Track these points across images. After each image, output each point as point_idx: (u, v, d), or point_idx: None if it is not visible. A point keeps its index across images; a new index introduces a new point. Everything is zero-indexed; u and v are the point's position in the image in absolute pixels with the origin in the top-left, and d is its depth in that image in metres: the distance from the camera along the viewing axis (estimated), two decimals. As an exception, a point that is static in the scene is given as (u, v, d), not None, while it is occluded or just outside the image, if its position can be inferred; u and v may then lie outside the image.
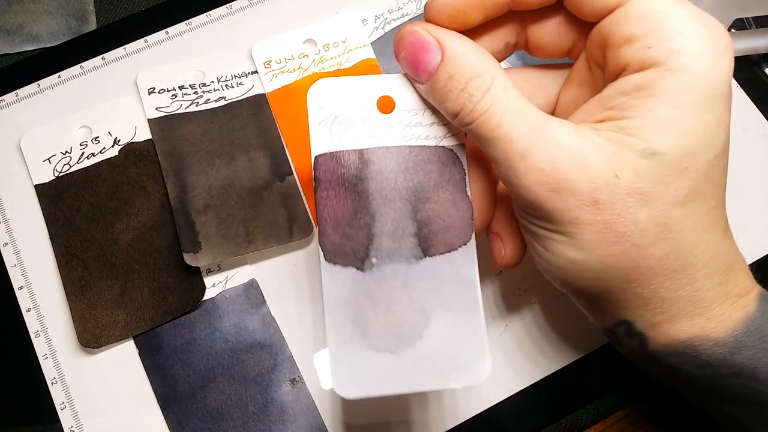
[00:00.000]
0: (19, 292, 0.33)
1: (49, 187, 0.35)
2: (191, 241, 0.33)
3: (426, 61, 0.23)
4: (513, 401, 0.32)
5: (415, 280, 0.25)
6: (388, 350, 0.24)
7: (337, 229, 0.25)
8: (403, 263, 0.25)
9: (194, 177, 0.34)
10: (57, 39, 0.39)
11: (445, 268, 0.25)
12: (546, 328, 0.33)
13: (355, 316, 0.24)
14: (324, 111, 0.25)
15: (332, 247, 0.25)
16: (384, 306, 0.25)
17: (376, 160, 0.25)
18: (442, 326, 0.24)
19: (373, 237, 0.25)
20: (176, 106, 0.36)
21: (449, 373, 0.24)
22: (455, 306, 0.25)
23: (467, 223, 0.25)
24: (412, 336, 0.24)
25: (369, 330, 0.24)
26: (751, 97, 0.38)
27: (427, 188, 0.25)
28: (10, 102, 0.37)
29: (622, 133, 0.22)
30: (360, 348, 0.24)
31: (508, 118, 0.22)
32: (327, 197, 0.25)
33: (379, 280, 0.25)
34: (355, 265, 0.25)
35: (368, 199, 0.25)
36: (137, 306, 0.32)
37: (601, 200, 0.21)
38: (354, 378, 0.24)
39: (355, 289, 0.25)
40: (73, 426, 0.31)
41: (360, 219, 0.25)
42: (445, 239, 0.25)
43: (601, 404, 0.32)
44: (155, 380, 0.32)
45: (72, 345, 0.32)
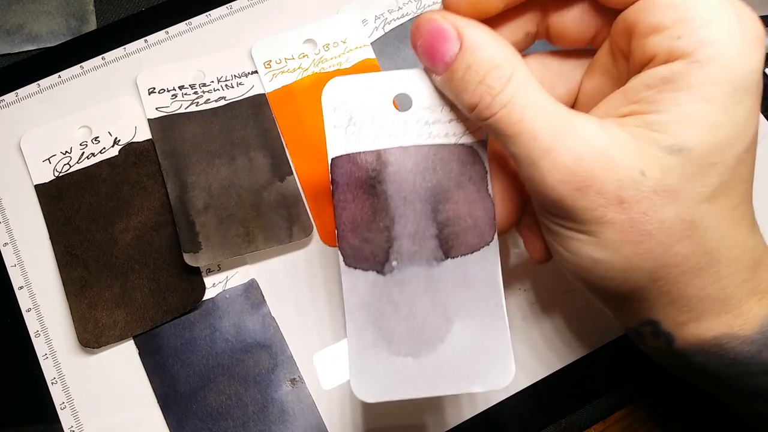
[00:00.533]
0: (19, 292, 0.33)
1: (49, 187, 0.35)
2: (191, 241, 0.33)
3: (443, 51, 0.22)
4: (513, 401, 0.32)
5: (436, 283, 0.24)
6: (410, 355, 0.24)
7: (357, 233, 0.24)
8: (424, 266, 0.24)
9: (194, 177, 0.34)
10: (57, 39, 0.39)
11: (468, 270, 0.24)
12: (546, 328, 0.33)
13: (377, 320, 0.24)
14: (339, 111, 0.24)
15: (352, 251, 0.24)
16: (406, 310, 0.24)
17: (394, 161, 0.24)
18: (464, 330, 0.24)
19: (393, 240, 0.24)
20: (176, 106, 0.36)
21: (472, 377, 0.24)
22: (478, 309, 0.24)
23: (489, 223, 0.25)
24: (434, 340, 0.24)
25: (391, 334, 0.24)
26: (751, 97, 0.38)
27: (447, 188, 0.24)
28: (10, 102, 0.37)
29: (648, 128, 0.21)
30: (382, 353, 0.24)
31: (530, 112, 0.21)
32: (345, 200, 0.24)
33: (400, 284, 0.24)
34: (375, 268, 0.24)
35: (387, 201, 0.24)
36: (137, 306, 0.32)
37: (626, 199, 0.21)
38: (375, 382, 0.24)
39: (376, 293, 0.24)
40: (73, 426, 0.31)
41: (379, 222, 0.24)
42: (466, 240, 0.24)
43: (601, 404, 0.32)
44: (155, 380, 0.32)
45: (72, 345, 0.32)
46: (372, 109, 0.24)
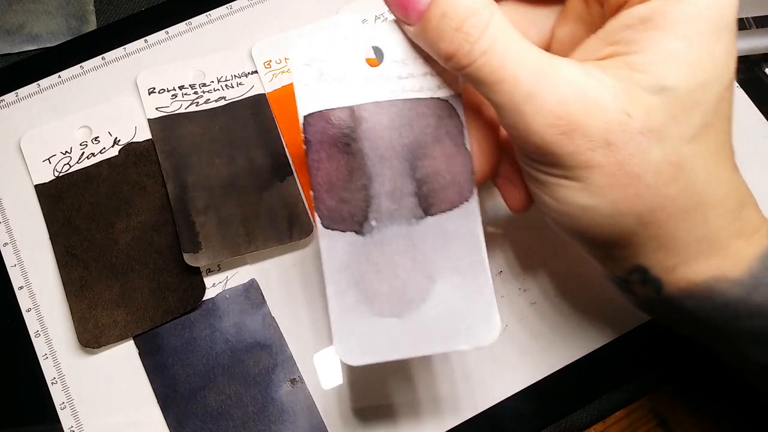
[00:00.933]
0: (19, 292, 0.33)
1: (49, 187, 0.35)
2: (191, 241, 0.33)
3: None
4: (513, 401, 0.32)
5: (417, 241, 0.24)
6: (393, 315, 0.23)
7: (333, 193, 0.23)
8: (403, 224, 0.24)
9: (194, 177, 0.34)
10: (57, 39, 0.39)
11: (448, 227, 0.24)
12: (546, 328, 0.33)
13: (358, 282, 0.23)
14: (309, 68, 0.23)
15: (329, 212, 0.23)
16: (387, 270, 0.23)
17: (368, 117, 0.24)
18: (447, 287, 0.23)
19: (371, 199, 0.24)
20: (176, 106, 0.36)
21: (458, 334, 0.23)
22: (460, 265, 0.24)
23: (468, 178, 0.24)
24: (417, 299, 0.23)
25: (373, 296, 0.23)
26: (751, 97, 0.38)
27: (424, 144, 0.24)
28: (10, 102, 0.37)
29: (630, 69, 0.21)
30: (364, 315, 0.23)
31: (511, 58, 0.21)
32: (319, 160, 0.23)
33: (380, 244, 0.24)
34: (353, 229, 0.24)
35: (363, 159, 0.24)
36: (137, 306, 0.32)
37: (614, 141, 0.20)
38: (359, 345, 0.23)
39: (356, 255, 0.23)
40: (73, 426, 0.31)
41: (356, 181, 0.23)
42: (446, 196, 0.24)
43: (601, 404, 0.32)
44: (155, 380, 0.32)
45: (72, 345, 0.32)
46: (343, 65, 0.24)
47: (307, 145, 0.24)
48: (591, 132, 0.20)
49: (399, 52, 0.24)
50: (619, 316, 0.33)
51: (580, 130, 0.20)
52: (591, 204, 0.22)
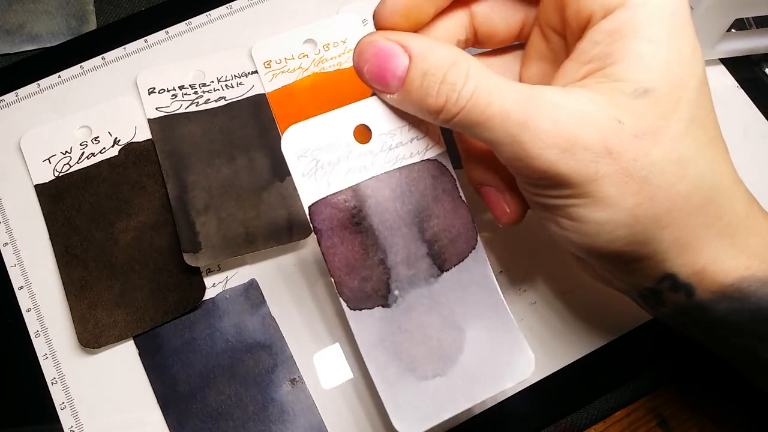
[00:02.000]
0: (19, 292, 0.33)
1: (49, 187, 0.35)
2: (191, 241, 0.33)
3: (393, 67, 0.22)
4: (513, 401, 0.32)
5: (439, 298, 0.25)
6: (437, 375, 0.24)
7: (353, 275, 0.24)
8: (423, 286, 0.25)
9: (194, 177, 0.34)
10: (57, 39, 0.39)
11: (463, 276, 0.25)
12: (546, 328, 0.33)
13: (396, 353, 0.24)
14: (303, 159, 0.24)
15: (353, 293, 0.24)
16: (419, 333, 0.24)
17: (371, 193, 0.24)
18: (477, 333, 0.25)
19: (390, 270, 0.24)
20: (176, 106, 0.36)
21: (499, 375, 0.24)
22: (482, 310, 0.25)
23: (471, 227, 0.25)
24: (454, 353, 0.24)
25: (413, 362, 0.24)
26: (751, 97, 0.38)
27: (426, 206, 0.25)
28: (10, 102, 0.37)
29: (610, 80, 0.21)
30: (411, 382, 0.24)
31: (497, 94, 0.21)
32: (333, 245, 0.24)
33: (407, 311, 0.24)
34: (380, 303, 0.24)
35: (375, 234, 0.24)
36: (137, 306, 0.32)
37: (613, 148, 0.21)
38: (414, 412, 0.24)
39: (387, 327, 0.24)
40: (73, 426, 0.31)
41: (372, 257, 0.24)
42: (456, 250, 0.25)
43: (601, 404, 0.32)
44: (155, 380, 0.32)
45: (72, 345, 0.32)
46: (335, 148, 0.24)
47: (318, 234, 0.24)
48: (590, 143, 0.21)
49: (385, 125, 0.24)
50: (619, 317, 0.33)
51: (580, 143, 0.21)
52: (606, 217, 0.22)
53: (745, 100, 0.38)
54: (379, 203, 0.24)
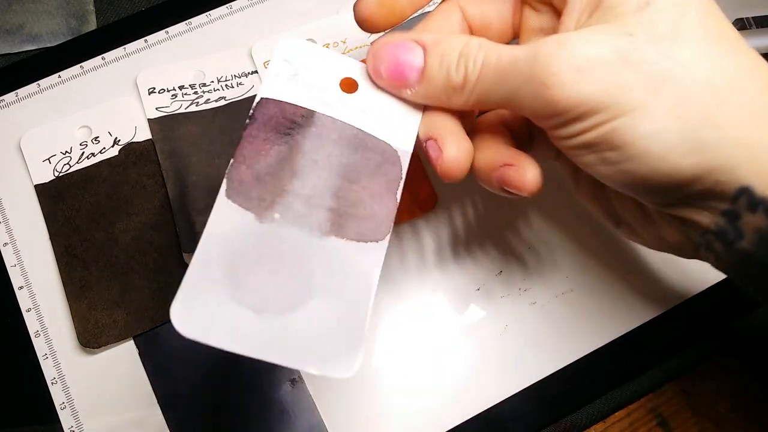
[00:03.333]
0: (19, 292, 0.33)
1: (49, 187, 0.35)
2: (191, 241, 0.33)
3: (410, 60, 0.24)
4: (513, 401, 0.32)
5: (313, 254, 0.23)
6: (252, 308, 0.22)
7: (252, 169, 0.23)
8: (306, 232, 0.23)
9: (194, 177, 0.34)
10: (57, 39, 0.39)
11: (349, 256, 0.23)
12: (546, 328, 0.33)
13: (232, 260, 0.22)
14: (287, 64, 0.24)
15: (239, 184, 0.23)
16: (269, 264, 0.22)
17: (320, 125, 0.24)
18: (321, 309, 0.22)
19: (286, 193, 0.23)
20: (176, 106, 0.36)
21: (312, 356, 0.22)
22: (344, 296, 0.23)
23: (386, 223, 0.24)
24: (286, 306, 0.22)
25: (240, 282, 0.22)
26: (751, 97, 0.38)
27: (360, 172, 0.24)
28: (10, 102, 0.37)
29: (609, 8, 0.21)
30: (222, 294, 0.22)
31: (506, 50, 0.22)
32: (256, 136, 0.23)
33: (274, 238, 0.23)
34: (255, 211, 0.23)
35: (297, 155, 0.24)
36: (137, 306, 0.32)
37: (630, 57, 0.20)
38: (201, 319, 0.21)
39: (244, 235, 0.22)
40: (73, 426, 0.31)
41: (280, 170, 0.23)
42: (358, 227, 0.23)
43: (601, 404, 0.32)
44: (155, 380, 0.32)
45: (72, 345, 0.32)
46: (318, 77, 0.25)
47: (250, 120, 0.23)
48: (605, 58, 0.20)
49: (374, 95, 0.25)
50: (619, 317, 0.33)
51: (593, 59, 0.20)
52: (650, 128, 0.20)
53: (745, 100, 0.38)
54: (321, 137, 0.24)
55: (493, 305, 0.33)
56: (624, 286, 0.34)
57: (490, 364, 0.32)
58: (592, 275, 0.34)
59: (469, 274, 0.34)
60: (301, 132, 0.24)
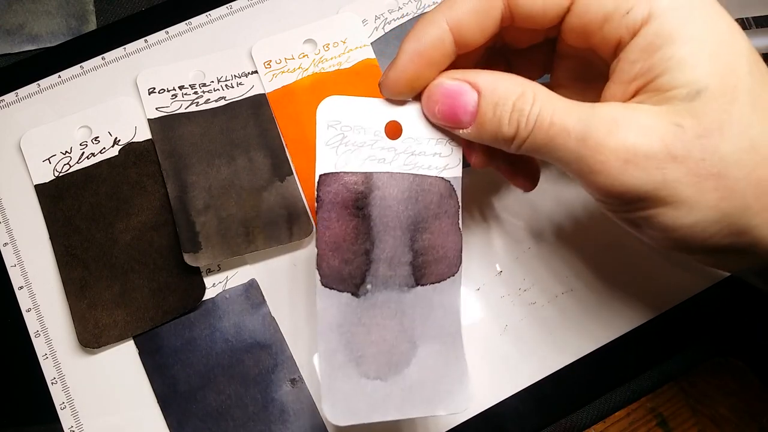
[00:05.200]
0: (19, 292, 0.33)
1: (49, 187, 0.35)
2: (191, 241, 0.33)
3: (465, 103, 0.24)
4: (513, 401, 0.32)
5: (406, 308, 0.25)
6: (379, 378, 0.24)
7: (337, 254, 0.25)
8: (396, 291, 0.25)
9: (194, 177, 0.34)
10: (57, 39, 0.39)
11: (434, 298, 0.25)
12: (546, 328, 0.33)
13: (348, 342, 0.24)
14: (333, 129, 0.25)
15: (330, 271, 0.25)
16: (376, 333, 0.25)
17: (381, 186, 0.25)
18: (428, 354, 0.25)
19: (371, 263, 0.25)
20: (176, 106, 0.36)
21: (435, 400, 0.24)
22: (440, 335, 0.25)
23: (457, 255, 0.26)
24: (401, 363, 0.25)
25: (361, 357, 0.24)
26: (751, 97, 0.38)
27: (426, 218, 0.25)
28: (10, 102, 0.37)
29: (661, 91, 0.21)
30: (352, 375, 0.24)
31: (559, 114, 0.22)
32: (329, 219, 0.25)
33: (372, 307, 0.25)
34: (350, 290, 0.25)
35: (370, 224, 0.25)
36: (137, 306, 0.32)
37: (677, 152, 0.21)
38: (346, 405, 0.24)
39: (349, 315, 0.25)
40: (73, 426, 0.31)
41: (360, 244, 0.25)
42: (437, 269, 0.25)
43: (601, 404, 0.32)
44: (155, 380, 0.32)
45: (72, 345, 0.32)
46: (364, 132, 0.25)
47: (319, 203, 0.25)
48: (652, 151, 0.21)
49: (416, 131, 0.25)
50: (619, 316, 0.33)
51: (641, 153, 0.21)
52: (693, 219, 0.21)
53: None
54: (384, 198, 0.25)
55: (493, 305, 0.33)
56: (624, 286, 0.34)
57: (490, 364, 0.32)
58: (592, 275, 0.34)
59: (469, 274, 0.34)
60: (367, 199, 0.25)
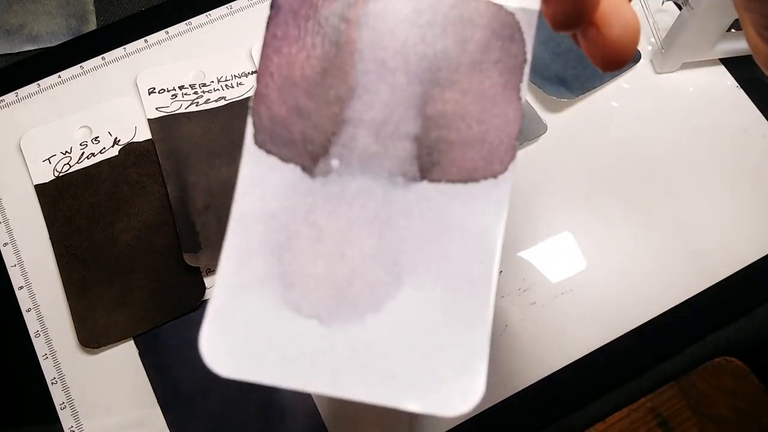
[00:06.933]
0: (19, 292, 0.33)
1: (49, 187, 0.35)
2: (191, 241, 0.33)
3: None
4: (513, 401, 0.32)
5: (395, 214, 0.15)
6: (316, 316, 0.15)
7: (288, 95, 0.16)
8: (382, 180, 0.15)
9: (194, 177, 0.34)
10: (57, 39, 0.39)
11: (453, 208, 0.15)
12: (546, 328, 0.33)
13: (280, 246, 0.15)
14: None
15: (271, 123, 0.15)
16: (332, 242, 0.15)
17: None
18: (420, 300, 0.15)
19: (344, 124, 0.16)
20: (176, 106, 0.36)
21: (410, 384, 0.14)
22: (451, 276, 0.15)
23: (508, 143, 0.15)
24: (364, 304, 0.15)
25: (295, 275, 0.15)
26: (751, 98, 0.38)
27: (456, 65, 0.16)
28: (10, 102, 0.37)
29: None
30: (271, 300, 0.15)
31: None
32: (283, 37, 0.16)
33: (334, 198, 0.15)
34: (302, 162, 0.15)
35: (352, 56, 0.16)
36: (137, 306, 0.32)
37: None
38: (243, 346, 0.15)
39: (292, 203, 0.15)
40: (73, 426, 0.31)
41: (330, 87, 0.16)
42: (463, 158, 0.15)
43: (601, 404, 0.32)
44: (155, 380, 0.32)
45: (72, 345, 0.32)
46: None
47: (272, 9, 0.16)
48: None
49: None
50: (619, 316, 0.33)
51: None
52: None
53: (745, 100, 0.38)
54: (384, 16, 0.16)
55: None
56: (624, 286, 0.34)
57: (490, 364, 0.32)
58: (592, 275, 0.34)
59: (469, 274, 0.34)
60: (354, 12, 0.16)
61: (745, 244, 0.34)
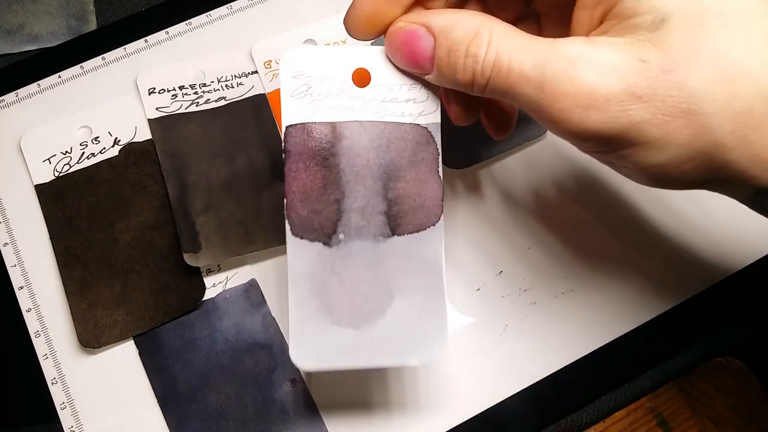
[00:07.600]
0: (19, 292, 0.33)
1: (49, 187, 0.35)
2: (191, 241, 0.33)
3: (421, 49, 0.23)
4: (513, 401, 0.32)
5: (381, 258, 0.25)
6: (350, 326, 0.24)
7: (306, 203, 0.24)
8: (370, 240, 0.25)
9: (194, 177, 0.34)
10: (57, 39, 0.39)
11: (413, 248, 0.25)
12: (545, 328, 0.33)
13: (320, 291, 0.24)
14: (297, 80, 0.25)
15: (300, 221, 0.24)
16: (349, 282, 0.25)
17: (349, 135, 0.25)
18: (404, 305, 0.25)
19: (342, 213, 0.25)
20: (176, 106, 0.36)
21: (408, 350, 0.24)
22: (419, 286, 0.25)
23: (437, 204, 0.25)
24: (375, 313, 0.25)
25: (333, 305, 0.24)
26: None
27: (400, 167, 0.25)
28: (10, 102, 0.37)
29: (624, 18, 0.20)
30: (323, 322, 0.24)
31: (516, 58, 0.21)
32: (296, 170, 0.24)
33: (345, 257, 0.25)
34: (322, 240, 0.25)
35: (339, 174, 0.25)
36: (137, 306, 0.32)
37: (641, 92, 0.19)
38: (315, 351, 0.24)
39: (321, 264, 0.25)
40: (73, 426, 0.31)
41: (329, 194, 0.25)
42: (414, 219, 0.25)
43: (601, 404, 0.32)
44: (155, 380, 0.32)
45: (72, 345, 0.32)
46: (330, 82, 0.25)
47: (286, 154, 0.25)
48: (613, 94, 0.19)
49: (386, 77, 0.25)
50: (619, 316, 0.33)
51: (602, 96, 0.19)
52: (665, 158, 0.20)
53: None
54: (353, 147, 0.25)
55: (493, 305, 0.33)
56: (624, 286, 0.34)
57: (490, 364, 0.32)
58: (592, 275, 0.34)
59: (469, 274, 0.34)
60: (335, 148, 0.25)
61: (745, 244, 0.34)
